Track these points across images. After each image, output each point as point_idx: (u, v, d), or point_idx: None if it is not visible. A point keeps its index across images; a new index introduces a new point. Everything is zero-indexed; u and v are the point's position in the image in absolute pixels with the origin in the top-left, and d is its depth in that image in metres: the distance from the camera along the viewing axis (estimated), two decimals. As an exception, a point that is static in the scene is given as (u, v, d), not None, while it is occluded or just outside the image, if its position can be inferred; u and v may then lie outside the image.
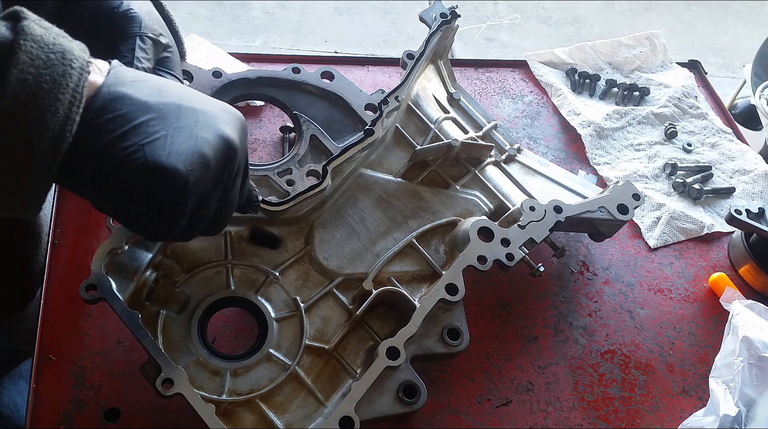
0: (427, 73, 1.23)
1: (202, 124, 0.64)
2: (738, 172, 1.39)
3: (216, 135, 0.64)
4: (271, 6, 3.60)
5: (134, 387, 0.90)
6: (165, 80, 0.67)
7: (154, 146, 0.59)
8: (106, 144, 0.59)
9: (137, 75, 0.64)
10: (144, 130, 0.60)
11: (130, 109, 0.60)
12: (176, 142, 0.61)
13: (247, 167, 0.73)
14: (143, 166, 0.59)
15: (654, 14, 4.05)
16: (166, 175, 0.60)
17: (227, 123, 0.67)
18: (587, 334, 1.09)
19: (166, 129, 0.61)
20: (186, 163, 0.61)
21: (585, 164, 1.34)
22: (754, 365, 0.92)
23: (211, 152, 0.63)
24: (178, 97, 0.64)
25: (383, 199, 1.06)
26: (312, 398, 0.88)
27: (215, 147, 0.64)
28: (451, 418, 0.96)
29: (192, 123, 0.63)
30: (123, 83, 0.61)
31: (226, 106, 0.69)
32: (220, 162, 0.65)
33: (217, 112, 0.67)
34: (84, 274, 0.84)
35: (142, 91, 0.62)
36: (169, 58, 0.85)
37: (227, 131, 0.66)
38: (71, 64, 0.56)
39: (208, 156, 0.63)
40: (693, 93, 1.51)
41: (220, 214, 0.71)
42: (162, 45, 0.83)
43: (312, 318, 0.94)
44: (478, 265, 0.94)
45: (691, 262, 1.23)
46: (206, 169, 0.63)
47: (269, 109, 1.28)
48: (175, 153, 0.60)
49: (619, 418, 1.01)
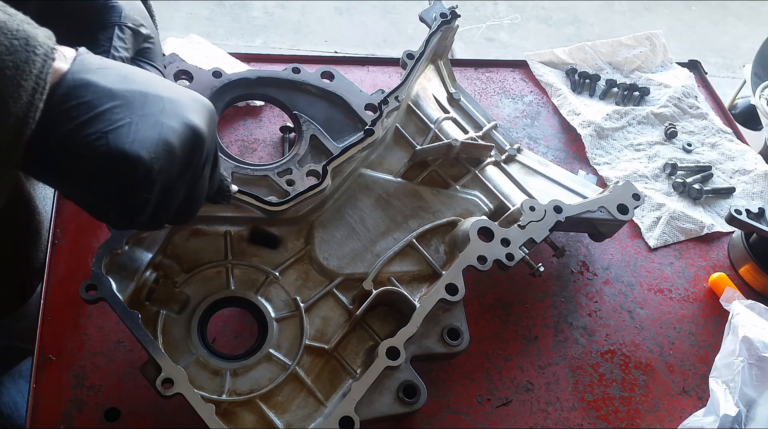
0: (427, 73, 1.23)
1: (168, 112, 0.63)
2: (738, 172, 1.39)
3: (182, 123, 0.64)
4: (271, 6, 3.60)
5: (134, 387, 0.90)
6: (132, 68, 0.66)
7: (117, 133, 0.59)
8: (69, 131, 0.59)
9: (104, 62, 0.63)
10: (108, 118, 0.59)
11: (95, 96, 0.60)
12: (140, 130, 0.60)
13: (217, 156, 0.73)
14: (106, 154, 0.59)
15: (654, 14, 4.05)
16: (129, 162, 0.59)
17: (195, 111, 0.66)
18: (587, 334, 1.09)
19: (130, 116, 0.61)
20: (150, 150, 0.60)
21: (585, 164, 1.34)
22: (754, 365, 0.92)
23: (176, 140, 0.63)
24: (145, 85, 0.64)
25: (383, 199, 1.06)
26: (312, 398, 0.88)
27: (181, 135, 0.64)
28: (451, 418, 0.96)
29: (158, 111, 0.63)
30: (88, 70, 0.61)
31: (194, 94, 0.69)
32: (186, 150, 0.65)
33: (184, 100, 0.66)
34: (84, 274, 0.84)
35: (108, 79, 0.61)
36: (150, 49, 0.84)
37: (194, 119, 0.65)
38: (35, 51, 0.56)
39: (173, 144, 0.62)
40: (693, 93, 1.51)
41: (188, 204, 0.71)
42: (142, 35, 0.82)
43: (312, 318, 0.94)
44: (478, 265, 0.94)
45: (691, 262, 1.23)
46: (171, 157, 0.63)
47: (269, 109, 1.28)
48: (139, 140, 0.60)
49: (619, 418, 1.01)
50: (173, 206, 0.68)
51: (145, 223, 0.67)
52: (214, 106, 1.07)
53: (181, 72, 1.09)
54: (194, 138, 0.65)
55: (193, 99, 0.68)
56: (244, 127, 1.25)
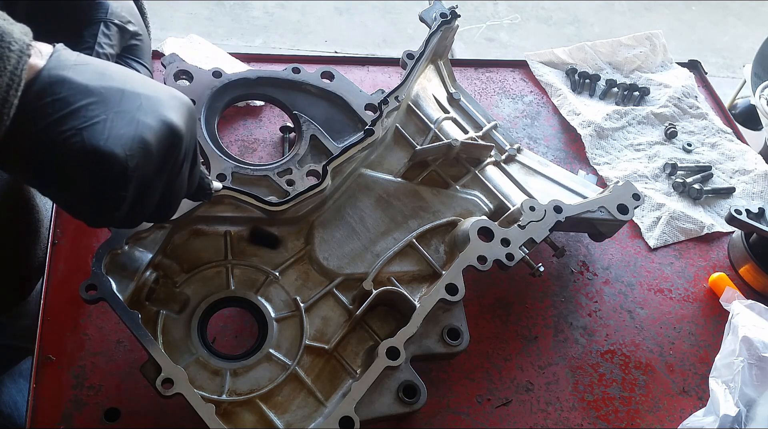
0: (427, 73, 1.23)
1: (145, 109, 0.63)
2: (738, 172, 1.39)
3: (159, 120, 0.63)
4: (271, 6, 3.60)
5: (134, 387, 0.90)
6: (110, 64, 0.66)
7: (92, 130, 0.59)
8: (44, 128, 0.58)
9: (81, 59, 0.63)
10: (83, 114, 0.59)
11: (70, 92, 0.59)
12: (116, 127, 0.60)
13: (197, 154, 0.73)
14: (81, 151, 0.58)
15: (654, 14, 4.05)
16: (103, 159, 0.59)
17: (173, 109, 0.66)
18: (587, 334, 1.09)
19: (106, 113, 0.60)
20: (125, 148, 0.60)
21: (585, 164, 1.34)
22: (754, 365, 0.92)
23: (153, 138, 0.62)
24: (122, 82, 0.63)
25: (383, 199, 1.06)
26: (312, 398, 0.88)
27: (158, 132, 0.63)
28: (451, 418, 0.96)
29: (134, 108, 0.62)
30: (64, 67, 0.60)
31: (173, 91, 0.68)
32: (163, 148, 0.64)
33: (162, 97, 0.66)
34: (84, 274, 0.84)
35: (84, 75, 0.61)
36: (137, 46, 0.83)
37: (172, 117, 0.65)
38: (10, 47, 0.56)
39: (149, 141, 0.62)
40: (693, 93, 1.51)
41: (166, 201, 0.70)
42: (129, 32, 0.81)
43: (312, 318, 0.94)
44: (478, 265, 0.94)
45: (691, 262, 1.23)
46: (147, 154, 0.62)
47: (269, 109, 1.28)
48: (114, 137, 0.60)
49: (619, 418, 1.01)
50: (150, 204, 0.68)
51: (121, 221, 0.67)
52: (214, 106, 1.08)
53: (181, 72, 1.09)
54: (171, 135, 0.64)
55: (171, 96, 0.67)
56: (244, 127, 1.25)
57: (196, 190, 0.78)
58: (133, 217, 0.67)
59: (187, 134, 0.67)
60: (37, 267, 1.16)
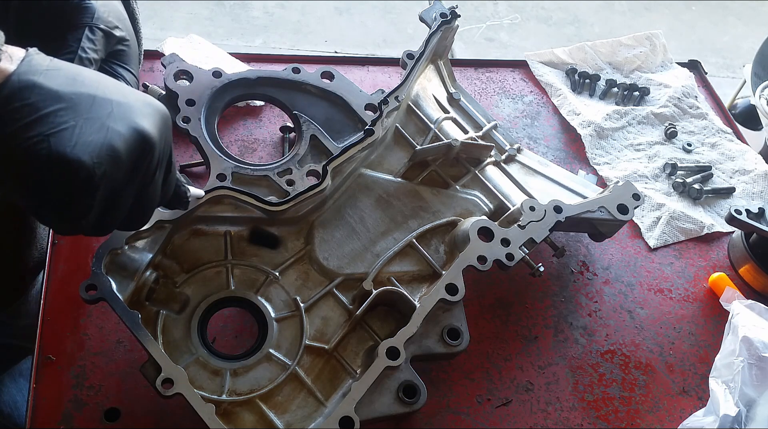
0: (427, 73, 1.23)
1: (115, 116, 0.62)
2: (738, 172, 1.39)
3: (130, 128, 0.63)
4: (271, 6, 3.60)
5: (134, 387, 0.90)
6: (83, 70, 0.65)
7: (60, 137, 0.58)
8: (11, 133, 0.58)
9: (53, 64, 0.62)
10: (51, 120, 0.58)
11: (40, 98, 0.59)
12: (84, 134, 0.59)
13: (171, 162, 0.72)
14: (47, 157, 0.58)
15: (654, 14, 4.05)
16: (69, 166, 0.58)
17: (145, 116, 0.65)
18: (587, 334, 1.09)
19: (75, 120, 0.59)
20: (93, 155, 0.59)
21: (585, 164, 1.34)
22: (754, 365, 0.92)
23: (122, 145, 0.62)
24: (94, 88, 0.63)
25: (383, 199, 1.06)
26: (312, 398, 0.88)
27: (127, 140, 0.62)
28: (451, 418, 0.96)
29: (105, 114, 0.61)
30: (35, 72, 0.60)
31: (148, 98, 0.67)
32: (133, 156, 0.63)
33: (135, 104, 0.65)
34: (84, 274, 0.84)
35: (55, 80, 0.60)
36: (123, 51, 0.83)
37: (143, 124, 0.64)
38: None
39: (118, 149, 0.61)
40: (693, 93, 1.51)
41: (138, 210, 0.69)
42: (115, 38, 0.81)
43: (312, 318, 0.94)
44: (478, 265, 0.94)
45: (691, 262, 1.23)
46: (116, 162, 0.61)
47: (269, 109, 1.28)
48: (82, 144, 0.59)
49: (619, 418, 1.01)
50: (121, 212, 0.67)
51: (91, 229, 0.66)
52: (214, 106, 1.08)
53: (181, 72, 1.09)
54: (142, 143, 0.64)
55: (145, 103, 0.66)
56: (244, 127, 1.25)
57: (172, 198, 0.77)
58: (103, 225, 0.67)
59: (160, 142, 0.66)
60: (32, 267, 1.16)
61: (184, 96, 1.06)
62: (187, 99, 1.06)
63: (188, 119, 1.04)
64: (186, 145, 1.19)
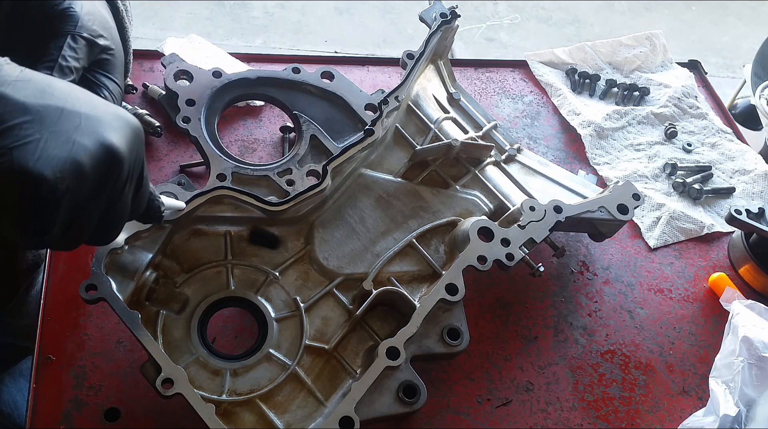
0: (427, 73, 1.23)
1: (83, 130, 0.61)
2: (738, 172, 1.39)
3: (96, 142, 0.61)
4: (271, 6, 3.60)
5: (134, 387, 0.90)
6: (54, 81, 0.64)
7: (23, 150, 0.57)
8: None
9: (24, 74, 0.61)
10: (16, 133, 0.57)
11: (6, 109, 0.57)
12: (49, 148, 0.58)
13: (143, 176, 0.70)
14: (8, 171, 0.56)
15: (654, 14, 4.05)
16: (31, 181, 0.57)
17: (114, 129, 0.63)
18: (587, 334, 1.09)
19: (40, 133, 0.58)
20: (56, 169, 0.58)
21: (585, 164, 1.34)
22: (754, 365, 0.92)
23: (87, 160, 0.60)
24: (63, 100, 0.61)
25: (383, 199, 1.06)
26: (312, 398, 0.88)
27: (93, 155, 0.61)
28: (451, 418, 0.96)
29: (72, 128, 0.60)
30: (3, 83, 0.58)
31: (119, 111, 0.66)
32: (99, 170, 0.62)
33: (104, 117, 0.63)
34: (84, 274, 0.84)
35: (23, 92, 0.59)
36: (108, 60, 0.81)
37: (111, 138, 0.62)
38: None
39: (83, 163, 0.60)
40: (693, 93, 1.51)
41: (106, 225, 0.68)
42: (99, 46, 0.79)
43: (312, 318, 0.94)
44: (478, 265, 0.94)
45: (691, 262, 1.23)
46: (80, 177, 0.60)
47: (269, 109, 1.28)
48: (45, 159, 0.57)
49: (619, 418, 1.01)
50: (87, 227, 0.65)
51: (56, 244, 0.65)
52: (214, 106, 1.08)
53: (181, 72, 1.09)
54: (109, 158, 0.62)
55: (115, 116, 0.65)
56: (244, 127, 1.25)
57: (145, 213, 0.75)
58: (68, 240, 0.65)
59: (129, 156, 0.65)
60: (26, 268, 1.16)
61: (184, 96, 1.06)
62: (187, 99, 1.06)
63: (188, 119, 1.04)
64: (186, 145, 1.19)
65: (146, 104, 1.24)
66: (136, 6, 3.45)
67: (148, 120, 1.17)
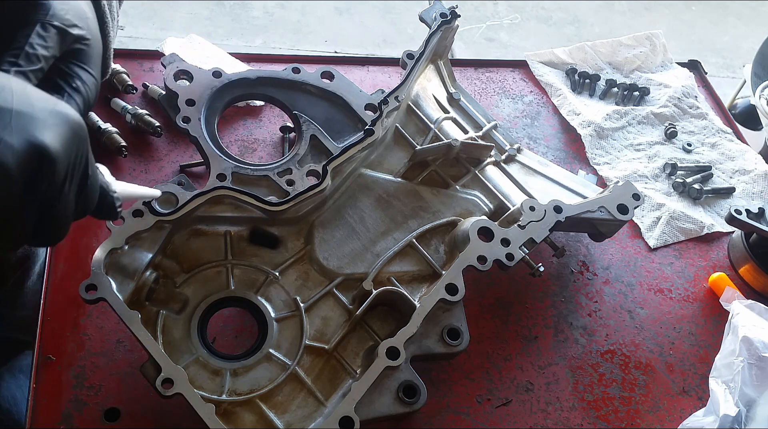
0: (427, 73, 1.23)
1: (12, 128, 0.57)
2: (738, 172, 1.39)
3: (24, 140, 0.58)
4: (271, 6, 3.60)
5: (134, 387, 0.90)
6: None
7: None
8: None
9: None
10: None
11: None
12: None
13: (87, 174, 0.67)
14: None
15: (654, 14, 4.05)
16: None
17: (48, 127, 0.60)
18: (587, 334, 1.09)
19: None
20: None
21: (585, 164, 1.34)
22: (754, 365, 0.92)
23: (12, 160, 0.57)
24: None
25: (383, 199, 1.06)
26: (312, 398, 0.88)
27: (20, 155, 0.58)
28: (451, 418, 0.96)
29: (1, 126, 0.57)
30: None
31: (58, 107, 0.63)
32: (28, 172, 0.59)
33: (38, 114, 0.60)
34: (84, 274, 0.84)
35: None
36: (82, 50, 0.78)
37: (43, 137, 0.59)
38: None
39: (7, 164, 0.56)
40: (693, 93, 1.51)
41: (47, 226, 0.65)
42: (72, 36, 0.76)
43: (312, 318, 0.94)
44: (478, 265, 0.94)
45: (691, 262, 1.23)
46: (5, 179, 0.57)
47: (269, 109, 1.28)
48: None
49: (619, 418, 1.01)
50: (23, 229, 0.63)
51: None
52: (214, 106, 1.08)
53: (181, 72, 1.09)
54: (38, 158, 0.59)
55: (52, 113, 0.62)
56: (244, 127, 1.25)
57: (97, 209, 0.73)
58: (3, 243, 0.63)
59: (66, 155, 0.62)
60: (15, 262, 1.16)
61: (184, 96, 1.06)
62: (187, 99, 1.06)
63: (188, 119, 1.04)
64: (186, 145, 1.19)
65: (146, 104, 1.24)
66: (136, 6, 3.45)
67: (148, 120, 1.17)
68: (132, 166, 1.15)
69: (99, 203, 0.72)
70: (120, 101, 1.21)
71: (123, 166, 1.15)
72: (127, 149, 1.14)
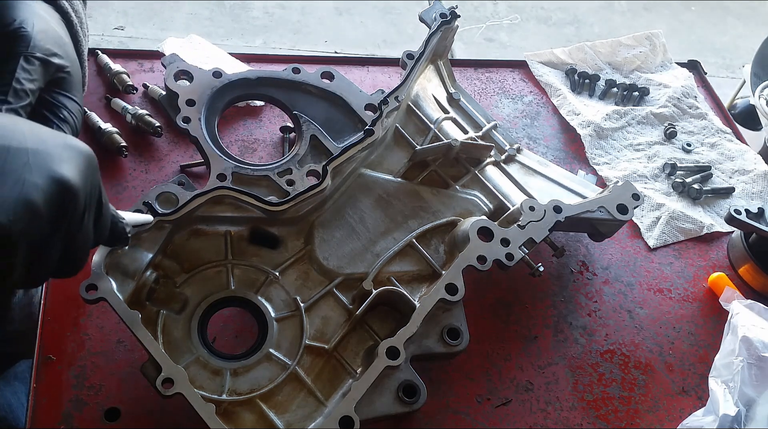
0: (427, 73, 1.23)
1: (32, 166, 0.58)
2: (737, 172, 1.39)
3: (48, 177, 0.59)
4: (271, 6, 3.60)
5: (134, 387, 0.90)
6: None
7: None
8: None
9: None
10: None
11: None
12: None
13: (102, 203, 0.69)
14: None
15: (654, 14, 4.05)
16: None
17: (65, 161, 0.61)
18: (587, 334, 1.09)
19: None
20: (8, 213, 0.56)
21: (585, 164, 1.34)
22: (754, 365, 0.92)
23: (40, 198, 0.58)
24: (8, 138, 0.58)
25: (383, 199, 1.06)
26: (312, 398, 0.88)
27: (46, 191, 0.59)
28: (451, 418, 0.97)
29: (20, 166, 0.57)
30: None
31: (69, 141, 0.63)
32: (54, 207, 0.60)
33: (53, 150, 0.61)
34: (84, 274, 0.84)
35: None
36: (64, 79, 0.78)
37: (63, 171, 0.60)
38: None
39: (36, 202, 0.58)
40: (692, 93, 1.52)
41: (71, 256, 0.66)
42: (54, 65, 0.76)
43: (312, 318, 0.94)
44: (477, 265, 0.94)
45: (690, 262, 1.23)
46: (35, 216, 0.58)
47: (269, 109, 1.28)
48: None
49: (619, 418, 1.01)
50: (51, 262, 0.64)
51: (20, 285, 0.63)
52: (214, 106, 1.08)
53: (181, 72, 1.09)
54: (63, 192, 0.60)
55: (65, 146, 0.62)
56: (244, 127, 1.25)
57: (110, 237, 0.74)
58: (34, 278, 0.64)
59: (85, 186, 0.63)
60: None
61: (184, 96, 1.06)
62: (187, 99, 1.06)
63: (188, 119, 1.04)
64: (186, 145, 1.19)
65: (146, 104, 1.24)
66: (136, 6, 3.45)
67: (148, 120, 1.17)
68: (132, 167, 1.15)
69: (110, 230, 0.73)
70: (120, 101, 1.21)
71: (123, 166, 1.15)
72: (127, 149, 1.14)
